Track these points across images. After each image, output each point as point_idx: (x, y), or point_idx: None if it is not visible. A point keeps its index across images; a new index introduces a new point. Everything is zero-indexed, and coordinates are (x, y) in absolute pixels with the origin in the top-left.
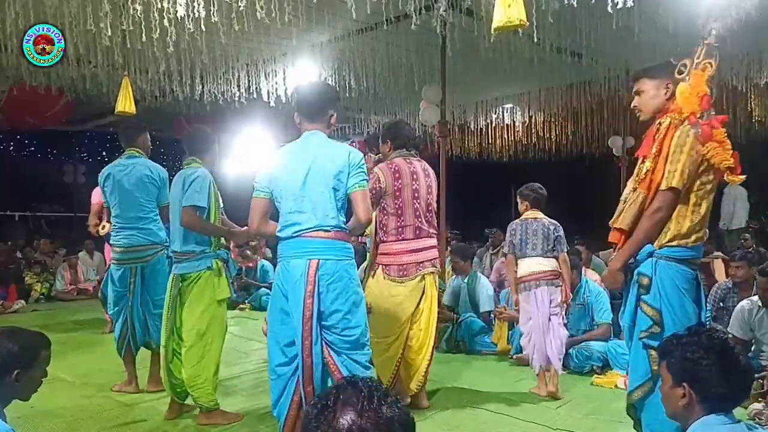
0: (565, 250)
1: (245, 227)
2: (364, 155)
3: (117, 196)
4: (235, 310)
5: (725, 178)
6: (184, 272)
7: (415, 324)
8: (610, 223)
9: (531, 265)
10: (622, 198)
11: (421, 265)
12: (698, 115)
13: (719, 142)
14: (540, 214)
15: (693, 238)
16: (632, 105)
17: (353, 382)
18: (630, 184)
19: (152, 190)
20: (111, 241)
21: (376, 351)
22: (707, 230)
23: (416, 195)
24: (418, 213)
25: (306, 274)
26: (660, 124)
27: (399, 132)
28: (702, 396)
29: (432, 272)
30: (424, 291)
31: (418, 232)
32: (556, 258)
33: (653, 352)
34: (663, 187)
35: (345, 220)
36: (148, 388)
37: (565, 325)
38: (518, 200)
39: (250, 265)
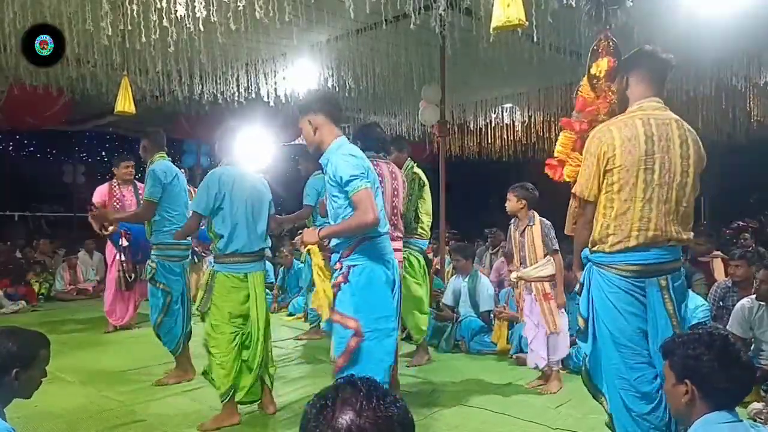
0: (556, 250)
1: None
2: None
3: (178, 194)
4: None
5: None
6: (257, 270)
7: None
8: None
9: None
10: None
11: None
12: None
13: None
14: (535, 214)
15: (608, 243)
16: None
17: (352, 381)
18: None
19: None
20: (165, 239)
21: None
22: (650, 233)
23: (381, 197)
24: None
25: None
26: None
27: (369, 134)
28: (704, 392)
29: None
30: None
31: None
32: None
33: (584, 356)
34: (573, 191)
35: None
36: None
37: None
38: (513, 197)
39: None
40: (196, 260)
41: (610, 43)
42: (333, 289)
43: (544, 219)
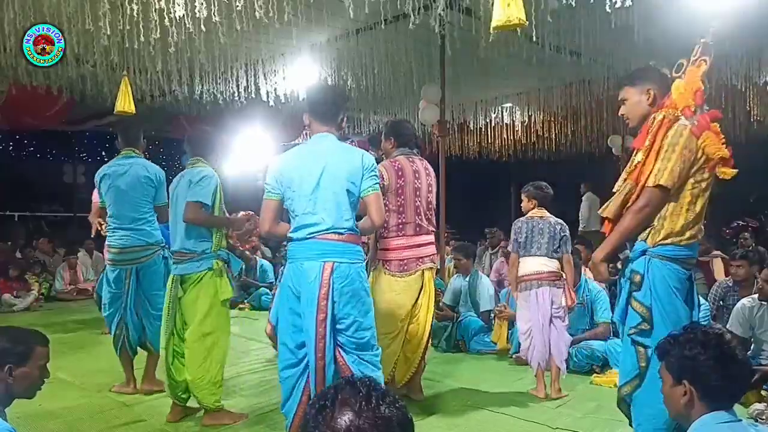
0: (570, 251)
1: (243, 213)
2: (376, 154)
3: (113, 196)
4: (234, 310)
5: (717, 171)
6: (184, 273)
7: (414, 319)
8: (599, 211)
9: (533, 264)
10: (615, 189)
11: (420, 260)
12: (692, 110)
13: (715, 133)
14: (546, 213)
15: (687, 235)
16: (620, 114)
17: (352, 382)
18: (623, 175)
19: (149, 191)
20: (107, 242)
21: None
22: (702, 228)
23: (417, 193)
24: (418, 210)
25: (320, 277)
26: (654, 118)
27: (402, 130)
28: (703, 392)
29: (431, 268)
30: (422, 286)
31: (418, 229)
32: (560, 259)
33: (641, 349)
34: (650, 183)
35: (357, 222)
36: (142, 387)
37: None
38: (523, 197)
39: (248, 247)
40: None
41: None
42: None
43: (558, 219)
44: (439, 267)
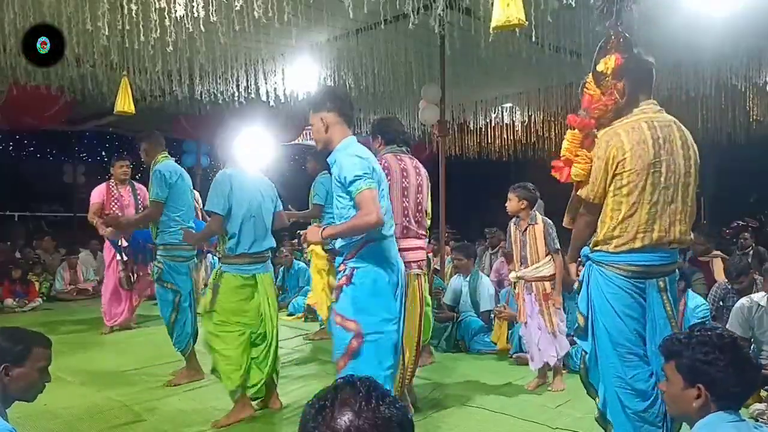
0: (558, 249)
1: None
2: (374, 145)
3: (184, 194)
4: None
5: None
6: (265, 272)
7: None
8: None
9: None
10: None
11: (407, 265)
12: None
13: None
14: (538, 214)
15: (613, 244)
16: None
17: (351, 382)
18: None
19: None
20: (170, 240)
21: None
22: (654, 234)
23: (405, 193)
24: (406, 212)
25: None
26: None
27: (387, 127)
28: (717, 395)
29: (418, 274)
30: (407, 294)
31: (405, 231)
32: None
33: (583, 351)
34: (579, 193)
35: None
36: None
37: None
38: (514, 198)
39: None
40: (196, 260)
41: (620, 40)
42: (335, 291)
43: (546, 218)
44: (438, 267)
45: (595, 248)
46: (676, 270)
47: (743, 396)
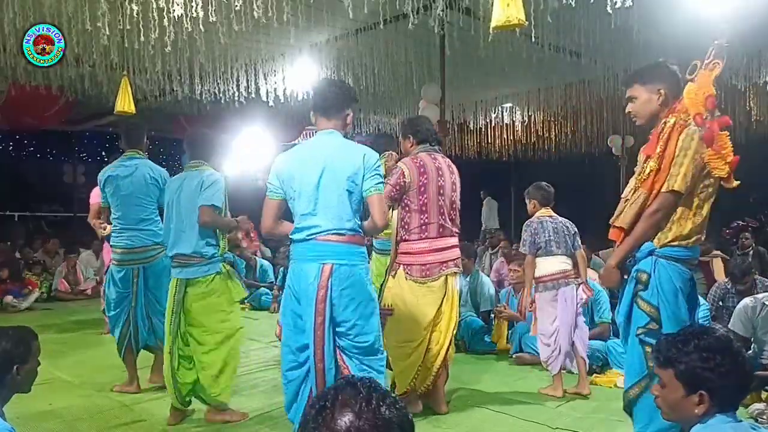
0: (581, 246)
1: (241, 217)
2: (380, 154)
3: (118, 197)
4: None
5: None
6: (190, 277)
7: (436, 327)
8: (610, 221)
9: (555, 263)
10: (623, 196)
11: (444, 264)
12: (703, 116)
13: (719, 148)
14: (553, 213)
15: (693, 239)
16: (627, 111)
17: (352, 382)
18: (631, 183)
19: (154, 191)
20: (111, 243)
21: (397, 356)
22: (705, 231)
23: (441, 192)
24: (442, 210)
25: (319, 279)
26: (665, 123)
27: (420, 126)
28: (718, 400)
29: (455, 272)
30: (446, 292)
31: (441, 230)
32: (572, 256)
33: (649, 349)
34: (665, 189)
35: (360, 222)
36: (152, 378)
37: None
38: (526, 200)
39: (253, 244)
40: None
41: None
42: None
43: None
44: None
45: (672, 243)
46: None
47: (740, 398)
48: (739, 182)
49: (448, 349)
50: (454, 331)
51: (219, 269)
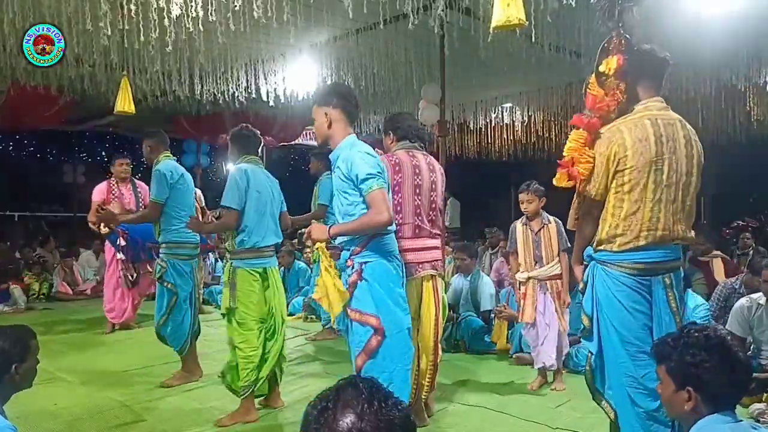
0: (566, 248)
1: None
2: (386, 143)
3: (186, 194)
4: None
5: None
6: (274, 265)
7: (418, 333)
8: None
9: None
10: None
11: (420, 266)
12: (584, 116)
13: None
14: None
15: (617, 243)
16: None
17: (354, 383)
18: None
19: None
20: (176, 238)
21: None
22: (658, 232)
23: (417, 191)
24: (418, 210)
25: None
26: None
27: (399, 123)
28: (707, 397)
29: (432, 275)
30: (421, 297)
31: (417, 230)
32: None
33: (588, 353)
34: (580, 190)
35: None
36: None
37: None
38: (534, 198)
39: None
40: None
41: (622, 41)
42: (348, 289)
43: (556, 218)
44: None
45: (599, 248)
46: (680, 267)
47: (735, 396)
48: (563, 183)
49: (435, 355)
50: (438, 336)
51: None
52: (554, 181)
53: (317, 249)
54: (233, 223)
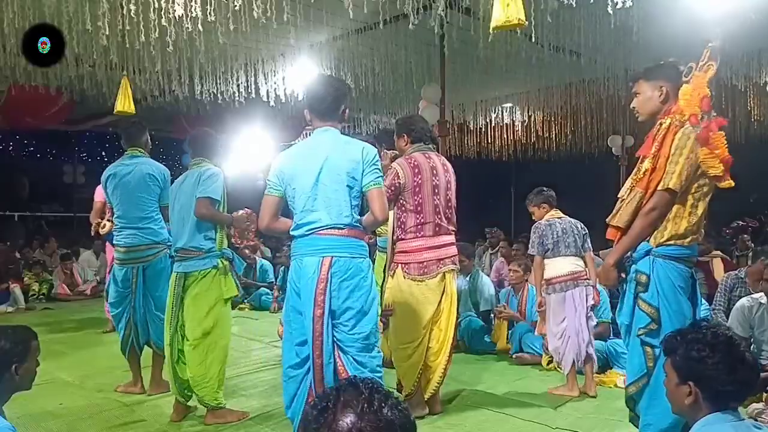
0: (591, 248)
1: (243, 211)
2: (379, 151)
3: (119, 195)
4: (234, 310)
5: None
6: (188, 270)
7: (435, 325)
8: (607, 220)
9: (566, 265)
10: (620, 196)
11: (441, 262)
12: (699, 117)
13: (713, 148)
14: (561, 214)
15: (689, 238)
16: (631, 106)
17: (354, 383)
18: (628, 183)
19: (155, 190)
20: (114, 241)
21: (399, 357)
22: (703, 230)
23: (436, 191)
24: (437, 209)
25: (318, 272)
26: (661, 124)
27: (414, 125)
28: (708, 394)
29: (452, 270)
30: (444, 289)
31: (437, 228)
32: (584, 257)
33: (649, 349)
34: (660, 187)
35: (359, 217)
36: (149, 390)
37: None
38: (532, 209)
39: (246, 243)
40: None
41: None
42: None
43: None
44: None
45: (667, 242)
46: None
47: (738, 396)
48: (732, 183)
49: (451, 347)
50: (454, 330)
51: (216, 264)
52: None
53: None
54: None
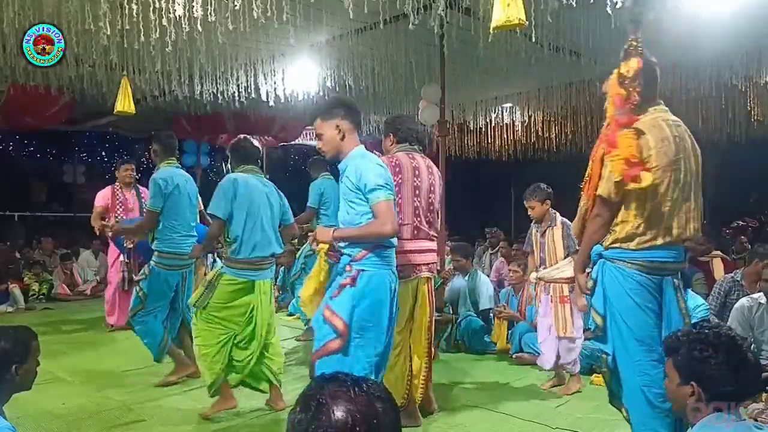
0: (574, 250)
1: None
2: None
3: (182, 203)
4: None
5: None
6: (269, 278)
7: (410, 335)
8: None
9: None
10: (580, 205)
11: (417, 268)
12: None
13: (614, 147)
14: (558, 215)
15: (636, 241)
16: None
17: (329, 377)
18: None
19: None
20: (164, 248)
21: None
22: (674, 231)
23: (417, 192)
24: (417, 212)
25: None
26: (605, 128)
27: (400, 125)
28: (711, 394)
29: (428, 277)
30: (416, 297)
31: (416, 232)
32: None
33: (603, 355)
34: (598, 193)
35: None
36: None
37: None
38: (536, 203)
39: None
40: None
41: (639, 45)
42: (337, 289)
43: (565, 219)
44: (439, 267)
45: (613, 246)
46: (682, 268)
47: (740, 396)
48: (649, 180)
49: (427, 353)
50: (431, 338)
51: None
52: (627, 185)
53: (319, 250)
54: (219, 231)
